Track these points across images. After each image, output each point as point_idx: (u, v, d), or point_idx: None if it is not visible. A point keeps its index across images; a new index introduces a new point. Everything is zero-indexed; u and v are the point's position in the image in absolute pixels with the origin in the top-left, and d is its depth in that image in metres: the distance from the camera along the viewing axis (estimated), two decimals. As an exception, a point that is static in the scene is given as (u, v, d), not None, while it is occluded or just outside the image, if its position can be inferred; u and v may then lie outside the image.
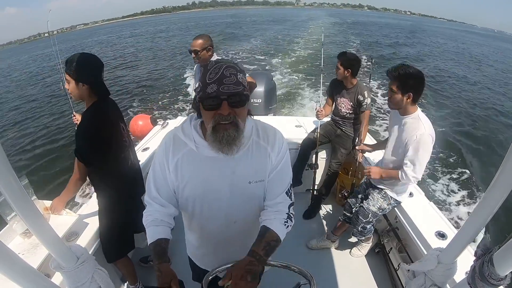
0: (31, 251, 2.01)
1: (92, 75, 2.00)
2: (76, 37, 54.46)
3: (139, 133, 4.59)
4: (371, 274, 2.99)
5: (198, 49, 3.14)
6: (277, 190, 1.40)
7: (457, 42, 39.09)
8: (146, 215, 1.37)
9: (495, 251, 1.03)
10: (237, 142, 1.17)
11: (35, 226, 0.99)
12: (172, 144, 1.30)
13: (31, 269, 0.95)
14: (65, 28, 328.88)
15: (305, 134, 3.89)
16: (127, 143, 2.31)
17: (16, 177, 0.85)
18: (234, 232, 1.48)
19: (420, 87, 2.22)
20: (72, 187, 2.18)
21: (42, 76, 20.53)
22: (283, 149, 1.38)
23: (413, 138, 2.23)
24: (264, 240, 1.30)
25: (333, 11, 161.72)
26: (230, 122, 1.13)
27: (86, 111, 2.07)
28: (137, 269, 2.67)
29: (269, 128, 1.39)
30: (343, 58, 3.27)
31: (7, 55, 49.51)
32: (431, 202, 2.77)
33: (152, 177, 1.37)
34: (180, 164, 1.29)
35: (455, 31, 66.19)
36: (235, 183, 1.31)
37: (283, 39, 30.99)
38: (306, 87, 13.36)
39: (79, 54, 1.97)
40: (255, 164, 1.32)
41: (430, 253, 1.43)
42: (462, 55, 27.84)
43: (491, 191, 1.03)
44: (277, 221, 1.35)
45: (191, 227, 1.55)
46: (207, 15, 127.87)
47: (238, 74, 1.12)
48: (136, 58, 23.99)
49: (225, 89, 1.09)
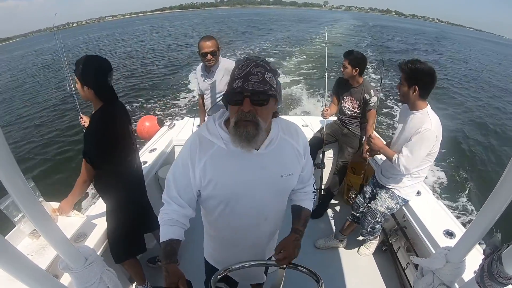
0: (40, 252, 2.03)
1: (96, 80, 2.01)
2: (95, 30, 54.89)
3: (146, 134, 4.61)
4: (379, 273, 2.98)
5: (215, 49, 3.11)
6: (307, 178, 1.57)
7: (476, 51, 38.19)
8: (163, 213, 1.37)
9: (504, 250, 1.01)
10: (256, 139, 1.19)
11: (43, 227, 1.00)
12: (198, 145, 1.30)
13: (39, 270, 0.95)
14: (94, 19, 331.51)
15: (312, 133, 3.88)
16: (134, 146, 2.33)
17: (24, 179, 0.86)
18: (263, 231, 1.51)
19: (427, 82, 2.22)
20: (78, 189, 2.20)
21: (49, 74, 20.71)
22: (305, 141, 1.49)
23: (417, 131, 2.23)
24: (302, 217, 1.53)
25: (360, 15, 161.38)
26: (250, 120, 1.15)
27: (94, 114, 2.09)
28: (145, 270, 2.68)
29: (290, 124, 1.47)
30: (351, 57, 3.24)
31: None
32: (439, 200, 2.75)
33: (173, 177, 1.37)
34: (210, 164, 1.29)
35: (479, 40, 64.52)
36: (267, 177, 1.34)
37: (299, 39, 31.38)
38: (309, 86, 13.40)
39: (86, 56, 1.99)
40: (284, 158, 1.37)
41: (438, 252, 1.42)
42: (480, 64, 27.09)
43: (500, 189, 1.02)
44: (307, 200, 1.59)
45: (217, 228, 1.55)
46: (234, 12, 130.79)
47: (267, 73, 1.15)
48: (152, 56, 24.12)
49: (250, 86, 1.11)
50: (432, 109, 2.31)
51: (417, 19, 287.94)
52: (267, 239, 1.57)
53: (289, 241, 1.39)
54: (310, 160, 1.53)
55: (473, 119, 11.51)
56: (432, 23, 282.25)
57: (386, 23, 75.84)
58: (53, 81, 18.29)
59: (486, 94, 15.83)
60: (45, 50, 35.48)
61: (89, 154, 2.03)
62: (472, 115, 12.05)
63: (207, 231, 1.65)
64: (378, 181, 2.78)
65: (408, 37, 43.49)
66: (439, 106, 11.56)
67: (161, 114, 10.67)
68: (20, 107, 13.97)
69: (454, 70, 21.41)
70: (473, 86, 17.26)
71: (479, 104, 13.74)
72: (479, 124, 10.99)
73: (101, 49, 31.16)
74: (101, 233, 2.38)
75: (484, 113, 12.40)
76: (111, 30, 58.56)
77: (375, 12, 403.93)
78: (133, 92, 14.27)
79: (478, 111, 12.53)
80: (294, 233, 1.44)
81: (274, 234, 1.62)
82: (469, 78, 19.16)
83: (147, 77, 16.88)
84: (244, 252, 1.56)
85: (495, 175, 7.13)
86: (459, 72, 20.67)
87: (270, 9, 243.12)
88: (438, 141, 2.24)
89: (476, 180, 7.15)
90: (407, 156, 2.30)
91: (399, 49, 28.60)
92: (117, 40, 38.32)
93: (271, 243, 1.64)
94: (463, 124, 10.70)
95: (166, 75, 17.14)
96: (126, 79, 16.52)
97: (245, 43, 27.89)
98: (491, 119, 11.57)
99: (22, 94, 16.41)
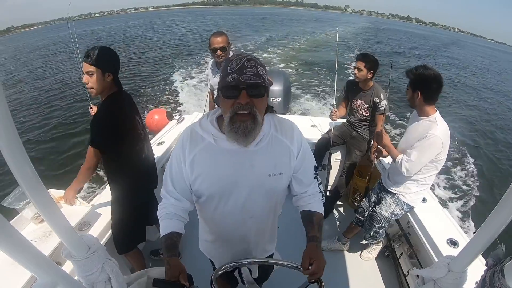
0: (43, 239, 2.06)
1: (116, 65, 2.08)
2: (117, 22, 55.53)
3: (155, 127, 4.62)
4: (381, 278, 2.97)
5: (225, 45, 3.11)
6: (307, 179, 1.49)
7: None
8: (161, 208, 1.39)
9: (506, 262, 1.01)
10: (253, 133, 1.19)
11: (48, 214, 1.01)
12: (189, 139, 1.32)
13: (42, 257, 0.96)
14: (116, 11, 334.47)
15: (320, 134, 3.87)
16: (142, 135, 2.34)
17: (31, 166, 0.87)
18: (249, 228, 1.49)
19: (430, 88, 2.23)
20: (82, 176, 2.23)
21: (58, 62, 20.99)
22: (301, 140, 1.43)
23: (424, 136, 2.23)
24: (315, 223, 1.42)
25: (379, 20, 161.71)
26: (248, 112, 1.15)
27: (102, 102, 2.12)
28: (147, 262, 2.70)
29: (285, 122, 1.43)
30: (366, 60, 3.18)
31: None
32: (444, 208, 2.73)
33: (169, 171, 1.38)
34: (198, 158, 1.30)
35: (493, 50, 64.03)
36: (254, 176, 1.32)
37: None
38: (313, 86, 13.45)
39: (100, 46, 2.01)
40: (274, 157, 1.34)
41: (441, 260, 1.41)
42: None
43: (506, 199, 1.01)
44: (316, 203, 1.49)
45: (207, 222, 1.56)
46: (259, 11, 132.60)
47: (259, 67, 1.15)
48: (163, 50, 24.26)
49: (245, 79, 1.12)
50: (441, 116, 2.30)
51: (437, 28, 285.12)
52: (254, 237, 1.55)
53: (316, 253, 1.29)
54: (311, 161, 1.49)
55: (480, 127, 11.43)
56: (453, 32, 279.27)
57: (397, 28, 75.98)
58: (64, 69, 18.56)
59: (490, 101, 15.86)
60: (58, 38, 35.91)
61: (96, 139, 2.06)
62: (479, 122, 11.99)
63: (200, 225, 1.67)
64: (384, 185, 2.76)
65: (409, 40, 43.91)
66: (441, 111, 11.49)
67: (171, 108, 10.70)
68: (30, 95, 14.12)
69: (454, 74, 21.77)
70: (480, 93, 17.37)
71: (486, 111, 13.66)
72: (486, 131, 10.90)
73: (123, 39, 31.97)
74: (105, 223, 2.40)
75: (492, 120, 12.32)
76: (138, 20, 59.31)
77: (395, 19, 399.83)
78: (144, 84, 14.39)
79: (485, 118, 12.44)
80: (312, 242, 1.35)
81: (263, 232, 1.59)
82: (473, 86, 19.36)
83: (159, 70, 17.00)
84: (231, 247, 1.59)
85: (502, 185, 7.05)
86: (459, 78, 20.95)
87: (291, 9, 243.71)
88: (444, 148, 2.23)
89: (483, 190, 7.08)
90: (411, 159, 2.31)
91: (388, 50, 28.94)
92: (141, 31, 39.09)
93: (260, 241, 1.62)
94: (470, 131, 10.62)
95: (177, 68, 17.19)
96: (136, 73, 16.69)
97: (252, 38, 29.56)
98: (499, 128, 11.48)
99: (33, 80, 16.66)
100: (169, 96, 12.58)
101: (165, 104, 11.30)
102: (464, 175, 7.69)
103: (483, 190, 7.11)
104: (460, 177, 7.58)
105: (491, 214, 1.09)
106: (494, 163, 8.47)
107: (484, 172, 7.97)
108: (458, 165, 7.95)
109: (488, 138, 10.38)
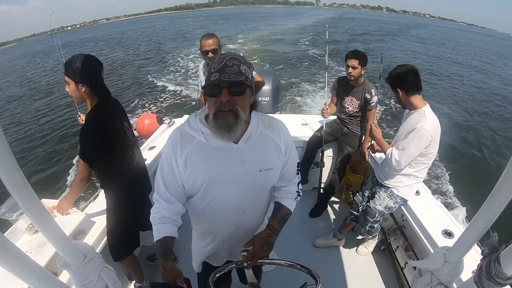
0: (38, 250, 2.03)
1: (90, 76, 1.99)
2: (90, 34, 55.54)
3: (145, 132, 4.60)
4: (378, 272, 2.98)
5: (216, 47, 3.10)
6: (290, 176, 1.55)
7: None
8: (154, 212, 1.38)
9: (502, 250, 1.02)
10: (235, 129, 1.21)
11: (42, 224, 1.00)
12: (180, 140, 1.32)
13: (38, 267, 0.95)
14: (88, 23, 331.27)
15: (311, 132, 3.87)
16: (131, 142, 2.31)
17: (23, 176, 0.86)
18: (242, 225, 1.51)
19: (407, 80, 2.31)
20: (76, 188, 2.22)
21: (45, 74, 20.94)
22: (288, 137, 1.47)
23: (412, 128, 2.27)
24: (279, 214, 1.51)
25: (346, 11, 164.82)
26: (229, 110, 1.17)
27: (89, 113, 2.07)
28: (144, 267, 2.68)
29: (273, 120, 1.46)
30: (360, 57, 3.20)
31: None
32: (437, 200, 2.75)
33: (161, 175, 1.38)
34: (190, 157, 1.31)
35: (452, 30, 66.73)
36: (245, 172, 1.34)
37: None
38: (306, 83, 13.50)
39: (76, 55, 1.96)
40: (263, 153, 1.37)
41: (437, 251, 1.42)
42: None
43: (498, 189, 1.03)
44: (289, 200, 1.57)
45: (200, 220, 1.56)
46: (232, 11, 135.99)
47: (241, 65, 1.18)
48: (147, 55, 24.33)
49: (226, 77, 1.15)
50: (431, 110, 2.34)
51: (408, 15, 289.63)
52: (247, 233, 1.56)
53: (259, 238, 1.39)
54: (294, 158, 1.53)
55: (470, 118, 11.50)
56: (423, 18, 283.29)
57: (362, 16, 79.28)
58: (50, 80, 18.65)
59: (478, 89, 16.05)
60: (41, 52, 36.04)
61: (86, 153, 2.04)
62: (468, 112, 12.09)
63: (193, 226, 1.66)
64: (377, 179, 2.78)
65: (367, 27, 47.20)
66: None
67: (161, 112, 10.65)
68: (20, 105, 14.12)
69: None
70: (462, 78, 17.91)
71: (475, 99, 13.83)
72: (476, 123, 10.98)
73: (100, 49, 31.74)
74: (100, 231, 2.38)
75: (482, 111, 12.42)
76: (122, 28, 59.98)
77: (366, 9, 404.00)
78: (133, 89, 14.34)
79: (474, 108, 12.57)
80: (267, 229, 1.44)
81: (256, 228, 1.61)
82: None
83: (146, 75, 16.93)
84: (223, 245, 1.60)
85: (494, 176, 7.11)
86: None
87: (262, 8, 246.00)
88: (434, 141, 2.26)
89: (475, 180, 7.14)
90: (400, 151, 2.35)
91: (343, 39, 31.20)
92: (116, 40, 38.97)
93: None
94: (461, 123, 10.71)
95: (167, 73, 17.16)
96: (124, 77, 16.71)
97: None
98: (490, 119, 11.57)
99: (21, 93, 16.60)
100: (159, 100, 12.56)
101: (155, 108, 11.26)
102: (457, 166, 7.74)
103: (476, 179, 7.17)
104: (453, 168, 7.63)
105: (484, 204, 1.10)
106: (486, 154, 8.54)
107: (475, 162, 8.06)
108: (447, 158, 8.02)
109: (476, 129, 10.46)
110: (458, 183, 6.99)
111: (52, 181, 7.23)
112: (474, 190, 6.66)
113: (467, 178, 7.26)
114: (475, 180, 7.12)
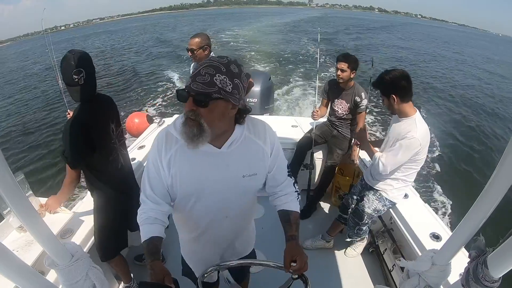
0: (26, 248, 2.00)
1: (65, 77, 1.92)
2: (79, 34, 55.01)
3: (135, 131, 4.57)
4: (367, 274, 3.00)
5: (194, 47, 3.12)
6: (281, 177, 1.51)
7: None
8: (141, 213, 1.37)
9: (489, 253, 1.03)
10: (199, 140, 1.18)
11: (30, 222, 0.99)
12: (164, 141, 1.31)
13: (25, 267, 0.94)
14: (81, 22, 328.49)
15: (301, 134, 3.89)
16: (116, 144, 2.26)
17: (11, 173, 0.85)
18: (224, 228, 1.50)
19: (401, 86, 2.27)
20: (66, 189, 2.20)
21: (39, 75, 20.57)
22: (274, 139, 1.45)
23: (402, 136, 2.27)
24: (293, 222, 1.45)
25: (337, 11, 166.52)
26: (193, 119, 1.15)
27: (73, 113, 2.06)
28: (131, 267, 2.67)
29: (258, 123, 1.44)
30: (349, 60, 3.22)
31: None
32: (426, 204, 2.78)
33: (147, 175, 1.37)
34: (173, 160, 1.30)
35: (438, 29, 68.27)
36: (229, 176, 1.33)
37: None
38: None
39: (67, 55, 1.90)
40: (248, 158, 1.36)
41: (425, 254, 1.43)
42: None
43: (486, 193, 1.04)
44: (292, 202, 1.52)
45: (183, 223, 1.56)
46: (221, 12, 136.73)
47: (217, 75, 1.11)
48: (138, 54, 24.25)
49: (194, 86, 1.11)
50: (421, 116, 2.35)
51: (400, 16, 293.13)
52: (230, 237, 1.57)
53: (297, 250, 1.33)
54: (283, 160, 1.51)
55: (459, 120, 11.58)
56: (416, 19, 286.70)
57: (347, 16, 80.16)
58: (43, 78, 18.40)
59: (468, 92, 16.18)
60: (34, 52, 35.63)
61: (65, 154, 2.01)
62: (457, 115, 12.17)
63: (178, 227, 1.65)
64: (366, 182, 2.80)
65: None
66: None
67: (151, 111, 10.58)
68: (10, 102, 13.96)
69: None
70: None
71: (464, 104, 13.94)
72: (466, 126, 11.06)
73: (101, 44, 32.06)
74: (88, 230, 2.35)
75: (470, 114, 12.50)
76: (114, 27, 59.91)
77: (358, 10, 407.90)
78: (122, 88, 14.25)
79: (463, 112, 12.66)
80: (292, 240, 1.38)
81: (239, 232, 1.61)
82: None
83: (137, 74, 16.87)
84: (206, 249, 1.60)
85: (482, 180, 7.20)
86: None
87: (255, 8, 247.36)
88: (423, 148, 2.27)
89: (463, 184, 7.23)
90: (387, 158, 2.36)
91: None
92: (108, 40, 38.73)
93: (237, 241, 1.64)
94: (450, 126, 10.80)
95: (156, 72, 17.08)
96: (114, 76, 16.58)
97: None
98: (478, 121, 11.67)
99: (13, 91, 16.43)
100: (149, 98, 12.52)
101: (145, 107, 11.18)
102: (445, 169, 7.81)
103: (464, 183, 7.25)
104: (442, 171, 7.71)
105: (472, 208, 1.11)
106: (474, 158, 8.62)
107: (463, 166, 8.13)
108: (435, 161, 8.09)
109: (463, 131, 10.57)
110: (446, 187, 7.06)
111: (44, 178, 7.24)
112: (462, 194, 6.74)
113: (455, 183, 7.32)
114: (463, 185, 7.20)
